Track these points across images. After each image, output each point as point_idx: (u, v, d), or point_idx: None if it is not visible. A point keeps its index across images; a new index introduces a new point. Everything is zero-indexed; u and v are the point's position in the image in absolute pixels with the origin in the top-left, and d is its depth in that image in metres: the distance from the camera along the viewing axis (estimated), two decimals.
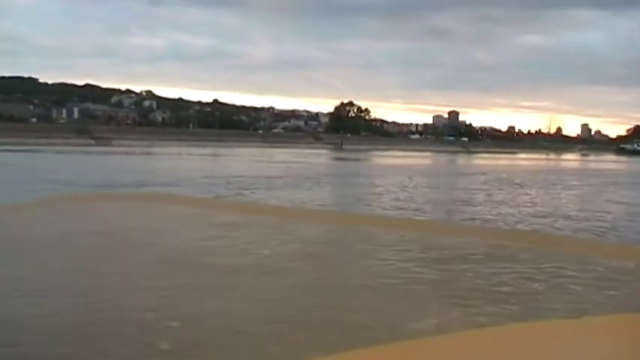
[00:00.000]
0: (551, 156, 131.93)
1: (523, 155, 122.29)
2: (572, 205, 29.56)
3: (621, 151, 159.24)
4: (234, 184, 33.63)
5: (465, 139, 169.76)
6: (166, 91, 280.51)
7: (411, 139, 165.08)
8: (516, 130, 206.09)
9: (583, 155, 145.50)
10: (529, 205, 28.68)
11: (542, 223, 22.12)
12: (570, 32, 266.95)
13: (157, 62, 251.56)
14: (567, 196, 34.56)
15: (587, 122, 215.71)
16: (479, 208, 26.75)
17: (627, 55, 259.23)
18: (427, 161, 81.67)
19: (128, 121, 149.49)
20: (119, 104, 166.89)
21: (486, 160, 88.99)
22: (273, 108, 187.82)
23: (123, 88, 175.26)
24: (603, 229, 20.69)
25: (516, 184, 41.33)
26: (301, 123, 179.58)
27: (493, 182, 42.42)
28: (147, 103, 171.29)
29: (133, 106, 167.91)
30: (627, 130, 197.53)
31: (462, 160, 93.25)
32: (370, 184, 38.39)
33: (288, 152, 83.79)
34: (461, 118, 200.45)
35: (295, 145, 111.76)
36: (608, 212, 25.91)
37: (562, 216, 24.35)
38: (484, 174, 51.53)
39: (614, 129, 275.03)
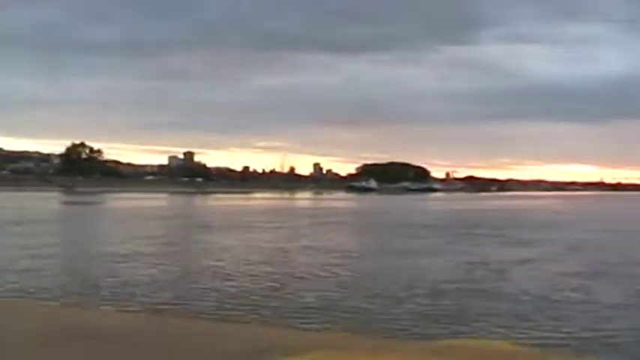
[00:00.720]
0: (285, 195, 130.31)
1: (257, 195, 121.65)
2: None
3: (350, 189, 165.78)
4: None
5: (200, 179, 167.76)
6: None
7: (146, 180, 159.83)
8: (251, 169, 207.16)
9: (316, 194, 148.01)
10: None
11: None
12: (303, 74, 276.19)
13: None
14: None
15: (319, 161, 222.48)
16: None
17: (355, 97, 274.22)
18: (140, 203, 73.60)
19: None
20: None
21: (218, 201, 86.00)
22: (1, 149, 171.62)
23: None
24: None
25: (205, 227, 34.90)
26: (31, 165, 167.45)
27: (175, 227, 36.12)
28: None
29: None
30: (356, 169, 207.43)
31: (194, 201, 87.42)
32: None
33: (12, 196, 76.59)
34: (197, 158, 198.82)
35: (21, 188, 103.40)
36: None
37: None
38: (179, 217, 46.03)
39: (345, 167, 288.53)
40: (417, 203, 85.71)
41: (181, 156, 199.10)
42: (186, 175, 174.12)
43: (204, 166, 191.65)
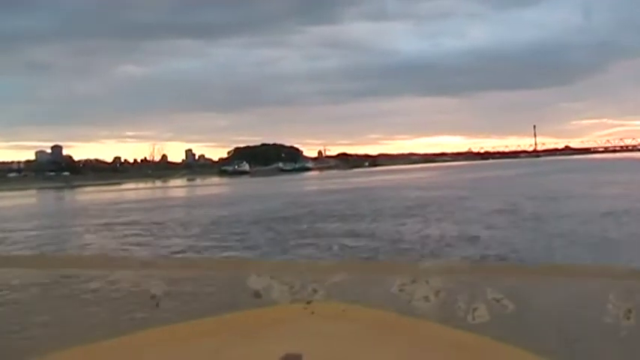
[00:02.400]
0: (157, 183, 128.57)
1: (128, 185, 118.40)
2: None
3: (223, 173, 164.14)
4: None
5: (67, 173, 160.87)
6: None
7: (9, 177, 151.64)
8: (122, 160, 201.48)
9: (189, 180, 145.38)
10: None
11: None
12: (169, 61, 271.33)
13: None
14: None
15: (190, 147, 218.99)
16: None
17: (223, 82, 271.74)
18: None
19: None
20: None
21: (86, 195, 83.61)
22: None
23: None
24: None
25: None
26: None
27: None
28: None
29: None
30: (228, 153, 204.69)
31: (60, 197, 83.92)
32: None
33: None
34: (67, 152, 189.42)
35: None
36: None
37: None
38: None
39: (217, 152, 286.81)
40: (282, 184, 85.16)
41: (49, 150, 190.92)
42: (52, 169, 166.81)
43: (70, 158, 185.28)
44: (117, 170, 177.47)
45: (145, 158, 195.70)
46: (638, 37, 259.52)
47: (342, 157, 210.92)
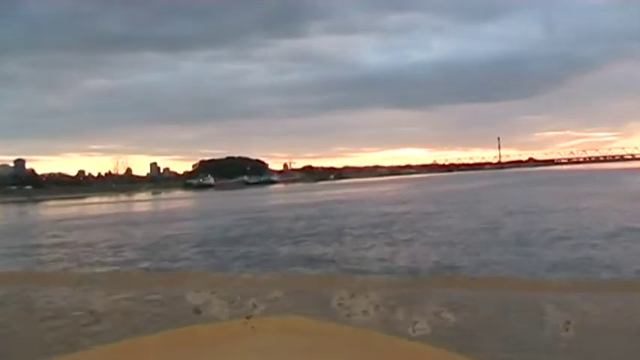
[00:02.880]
0: (122, 197, 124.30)
1: (92, 199, 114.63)
2: None
3: (188, 186, 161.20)
4: None
5: (29, 187, 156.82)
6: None
7: None
8: (86, 173, 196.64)
9: (154, 194, 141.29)
10: None
11: None
12: (136, 74, 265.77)
13: None
14: None
15: (155, 161, 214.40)
16: None
17: (189, 95, 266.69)
18: None
19: None
20: None
21: (47, 210, 78.12)
22: None
23: None
24: None
25: None
26: None
27: None
28: None
29: None
30: (193, 166, 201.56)
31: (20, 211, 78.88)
32: None
33: None
34: (30, 165, 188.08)
35: None
36: None
37: None
38: None
39: (182, 165, 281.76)
40: (245, 198, 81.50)
41: (12, 164, 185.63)
42: (14, 183, 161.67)
43: (33, 172, 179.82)
44: (81, 184, 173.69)
45: (110, 172, 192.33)
46: (598, 49, 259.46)
47: (308, 169, 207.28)
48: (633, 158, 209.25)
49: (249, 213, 45.10)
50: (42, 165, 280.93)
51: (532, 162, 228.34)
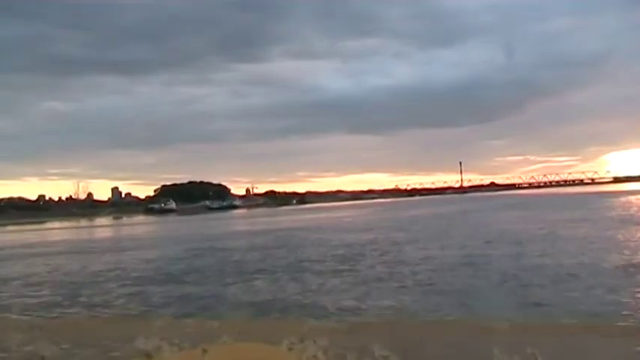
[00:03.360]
0: (83, 222, 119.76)
1: (51, 224, 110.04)
2: None
3: (150, 211, 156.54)
4: None
5: None
6: None
7: None
8: (47, 197, 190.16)
9: (115, 219, 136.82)
10: None
11: None
12: (93, 98, 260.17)
13: None
14: None
15: (117, 185, 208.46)
16: None
17: (147, 120, 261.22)
18: None
19: None
20: None
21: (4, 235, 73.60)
22: None
23: None
24: None
25: None
26: None
27: None
28: None
29: None
30: (155, 191, 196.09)
31: None
32: None
33: None
34: None
35: None
36: None
37: None
38: None
39: (144, 190, 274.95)
40: (204, 224, 77.39)
41: None
42: None
43: None
44: (41, 209, 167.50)
45: (71, 196, 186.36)
46: (556, 75, 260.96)
47: (271, 194, 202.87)
48: (593, 182, 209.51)
49: (202, 242, 40.50)
50: (1, 189, 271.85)
51: (494, 186, 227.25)
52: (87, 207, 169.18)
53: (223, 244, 36.81)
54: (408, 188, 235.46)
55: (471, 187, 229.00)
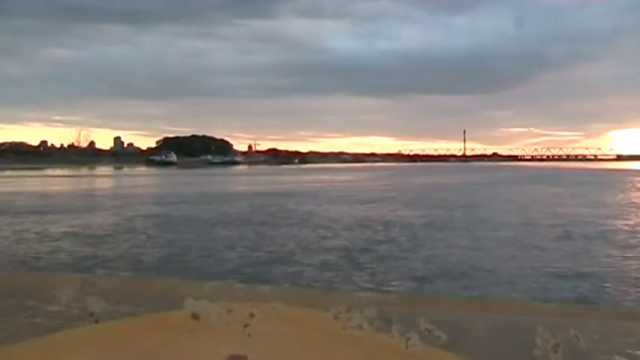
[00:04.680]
0: (83, 170, 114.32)
1: (52, 172, 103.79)
2: None
3: (150, 163, 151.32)
4: None
5: None
6: None
7: None
8: (49, 144, 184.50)
9: (116, 168, 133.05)
10: None
11: None
12: (100, 46, 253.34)
13: None
14: None
15: (119, 135, 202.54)
16: None
17: (154, 71, 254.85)
18: None
19: None
20: None
21: None
22: None
23: None
24: None
25: None
26: None
27: None
28: None
29: None
30: (157, 142, 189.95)
31: None
32: None
33: None
34: None
35: None
36: None
37: None
38: None
39: (146, 141, 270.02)
40: (202, 179, 70.16)
41: None
42: None
43: None
44: (41, 154, 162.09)
45: (73, 144, 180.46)
46: (565, 49, 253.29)
47: (273, 152, 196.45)
48: (596, 159, 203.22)
49: (190, 203, 34.43)
50: (3, 133, 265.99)
51: (496, 157, 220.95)
52: (88, 155, 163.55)
53: (211, 211, 30.55)
54: (411, 154, 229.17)
55: (473, 156, 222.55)
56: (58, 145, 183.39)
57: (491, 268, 14.55)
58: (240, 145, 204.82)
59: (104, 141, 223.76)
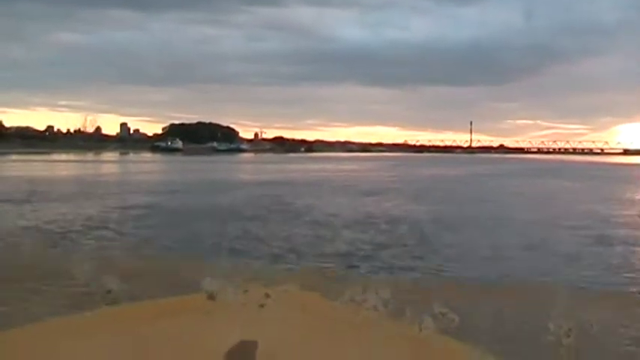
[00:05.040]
0: (89, 156, 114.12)
1: (58, 156, 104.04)
2: None
3: (156, 149, 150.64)
4: None
5: None
6: None
7: None
8: (55, 129, 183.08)
9: (122, 154, 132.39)
10: None
11: None
12: (108, 32, 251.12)
13: None
14: None
15: (126, 121, 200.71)
16: None
17: (162, 57, 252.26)
18: None
19: None
20: None
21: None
22: None
23: None
24: None
25: None
26: None
27: None
28: None
29: None
30: (163, 129, 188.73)
31: None
32: None
33: None
34: None
35: None
36: None
37: None
38: None
39: (152, 127, 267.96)
40: (204, 166, 69.04)
41: None
42: None
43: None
44: (47, 139, 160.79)
45: (79, 129, 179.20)
46: (572, 42, 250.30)
47: (279, 140, 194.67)
48: (602, 152, 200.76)
49: (186, 193, 33.04)
50: (9, 118, 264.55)
51: (502, 149, 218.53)
52: (94, 141, 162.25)
53: (200, 203, 29.11)
54: (417, 144, 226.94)
55: (479, 147, 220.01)
56: (64, 131, 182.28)
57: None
58: (246, 133, 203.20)
59: (110, 127, 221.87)
